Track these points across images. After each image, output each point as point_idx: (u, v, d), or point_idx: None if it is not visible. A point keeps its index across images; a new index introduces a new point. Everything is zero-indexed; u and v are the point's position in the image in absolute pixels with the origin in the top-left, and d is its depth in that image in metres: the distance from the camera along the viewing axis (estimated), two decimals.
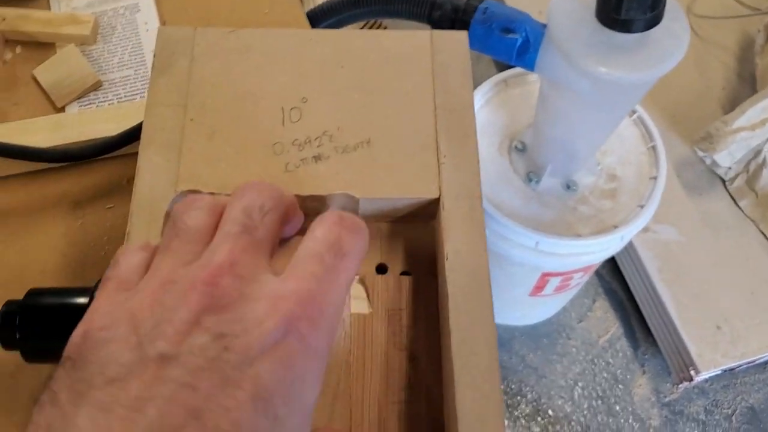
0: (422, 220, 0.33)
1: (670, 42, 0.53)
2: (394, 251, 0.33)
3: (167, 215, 0.29)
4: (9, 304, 0.33)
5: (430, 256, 0.33)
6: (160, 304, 0.22)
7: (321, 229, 0.25)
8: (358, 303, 0.31)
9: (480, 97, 0.86)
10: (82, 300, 0.33)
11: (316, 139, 0.32)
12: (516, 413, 0.93)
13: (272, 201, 0.26)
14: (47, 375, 0.22)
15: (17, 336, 0.32)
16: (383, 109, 0.33)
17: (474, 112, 0.33)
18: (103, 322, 0.22)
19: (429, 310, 0.31)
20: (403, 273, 0.32)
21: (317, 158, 0.32)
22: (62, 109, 0.45)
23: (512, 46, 0.59)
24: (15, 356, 0.35)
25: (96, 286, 0.33)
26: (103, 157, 0.42)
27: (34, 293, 0.33)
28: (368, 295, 0.31)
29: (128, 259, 0.25)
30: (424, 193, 0.31)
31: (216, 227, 0.25)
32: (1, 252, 0.39)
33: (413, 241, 0.33)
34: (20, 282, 0.38)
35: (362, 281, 0.32)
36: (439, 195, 0.31)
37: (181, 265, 0.23)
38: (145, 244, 0.26)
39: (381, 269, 0.32)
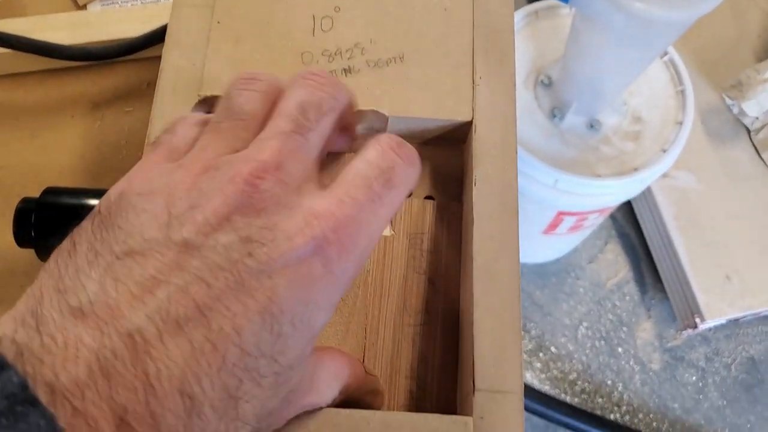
0: (452, 144, 0.32)
1: None
2: (421, 174, 0.32)
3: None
4: (25, 201, 0.32)
5: (456, 180, 0.32)
6: (198, 189, 0.21)
7: (375, 152, 0.23)
8: None
9: None
10: (97, 201, 0.32)
11: (347, 50, 0.31)
12: None
13: (332, 100, 0.24)
14: None
15: (32, 233, 0.32)
16: (419, 25, 0.31)
17: (513, 35, 0.32)
18: (142, 188, 0.21)
19: (451, 236, 0.30)
20: (427, 197, 0.31)
21: (347, 71, 0.30)
22: (84, 7, 0.44)
23: None
24: (29, 254, 0.35)
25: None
26: (124, 58, 0.41)
27: (50, 192, 0.33)
28: (391, 218, 0.31)
29: (184, 130, 0.24)
30: (457, 115, 0.30)
31: (270, 114, 0.24)
32: (18, 150, 0.38)
33: (440, 165, 0.32)
34: (37, 182, 0.38)
35: None
36: (472, 118, 0.30)
37: (227, 151, 0.22)
38: (205, 119, 0.25)
39: None
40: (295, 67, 0.30)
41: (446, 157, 0.32)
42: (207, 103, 0.30)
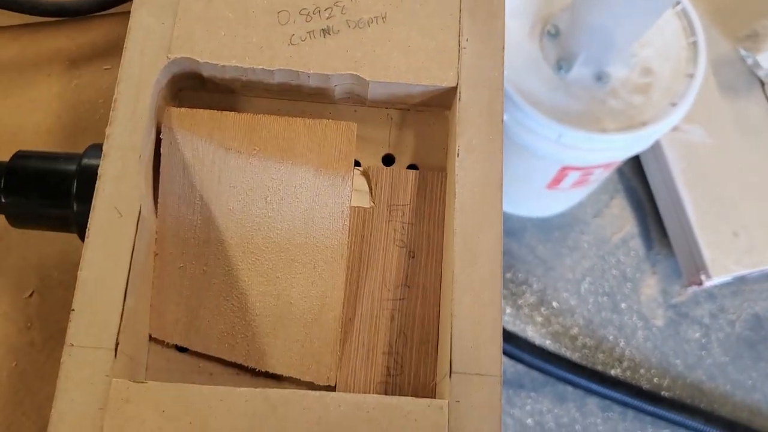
0: (437, 110, 0.30)
1: None
2: (404, 142, 0.30)
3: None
4: None
5: (441, 149, 0.30)
6: None
7: None
8: (359, 195, 0.29)
9: None
10: (70, 167, 0.31)
11: (326, 9, 0.29)
12: (520, 302, 0.93)
13: None
14: None
15: (1, 198, 0.31)
16: None
17: None
18: None
19: (434, 208, 0.29)
20: (411, 166, 0.30)
21: (326, 31, 0.29)
22: None
23: None
24: (2, 219, 0.34)
25: (85, 153, 0.31)
26: (101, 13, 0.39)
27: (20, 156, 0.31)
28: (371, 189, 0.29)
29: None
30: (441, 80, 0.28)
31: None
32: None
33: (425, 133, 0.30)
34: (13, 143, 0.36)
35: (365, 173, 0.29)
36: (457, 83, 0.28)
37: None
38: None
39: (387, 160, 0.30)
40: (271, 27, 0.28)
41: (432, 123, 0.30)
42: (176, 65, 0.28)
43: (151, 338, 0.28)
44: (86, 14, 0.37)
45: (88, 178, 0.30)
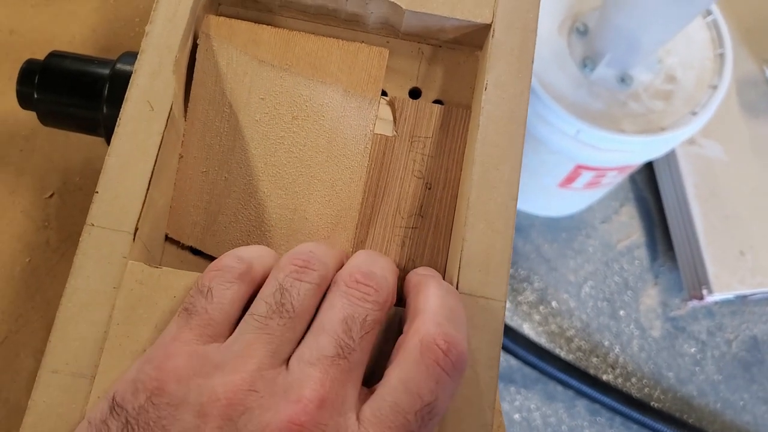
0: (468, 49, 0.31)
1: None
2: (432, 77, 0.31)
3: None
4: (30, 62, 0.32)
5: (468, 88, 0.31)
6: (233, 426, 0.20)
7: (418, 371, 0.21)
8: (383, 124, 0.29)
9: None
10: (103, 71, 0.31)
11: None
12: (520, 298, 0.93)
13: (377, 312, 0.22)
14: None
15: (35, 95, 0.31)
16: None
17: None
18: (176, 393, 0.20)
19: (455, 144, 0.29)
20: (436, 101, 0.30)
21: None
22: None
23: None
24: (31, 118, 0.35)
25: (119, 58, 0.32)
26: None
27: (55, 55, 0.32)
28: (395, 119, 0.30)
29: (221, 294, 0.23)
30: (476, 16, 0.28)
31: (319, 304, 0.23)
32: (32, 16, 0.38)
33: (454, 70, 0.31)
34: (47, 48, 0.37)
35: (391, 103, 0.30)
36: (492, 21, 0.28)
37: (272, 359, 0.21)
38: (243, 273, 0.23)
39: (414, 93, 0.31)
40: None
41: (462, 62, 0.31)
42: None
43: (167, 238, 0.28)
44: None
45: (121, 82, 0.31)
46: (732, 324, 0.97)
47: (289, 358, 0.22)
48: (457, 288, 0.25)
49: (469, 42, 0.30)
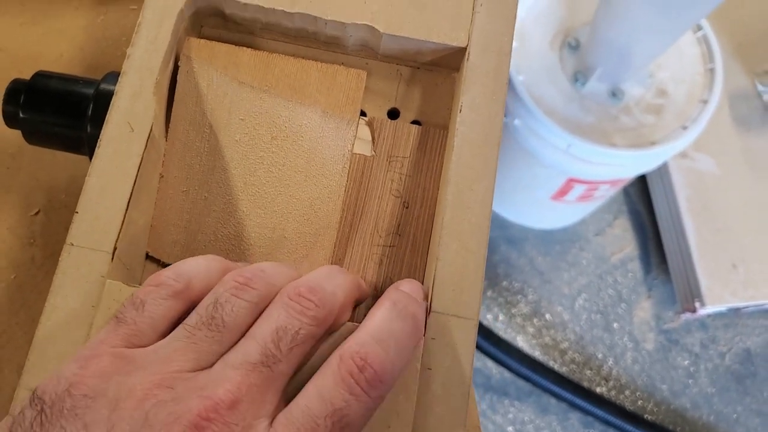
0: (445, 71, 0.31)
1: None
2: (410, 98, 0.31)
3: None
4: (16, 81, 0.32)
5: (446, 109, 0.31)
6: (144, 415, 0.20)
7: (332, 379, 0.22)
8: (362, 144, 0.30)
9: None
10: (87, 90, 0.32)
11: None
12: (513, 311, 0.93)
13: (313, 327, 0.23)
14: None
15: (20, 114, 0.32)
16: None
17: None
18: (93, 388, 0.21)
19: (432, 163, 0.30)
20: (414, 122, 0.31)
21: None
22: None
23: None
24: (16, 136, 0.36)
25: (104, 78, 0.32)
26: None
27: (42, 75, 0.33)
28: (374, 139, 0.30)
29: (153, 308, 0.23)
30: (452, 39, 0.29)
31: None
32: (19, 35, 0.38)
33: (432, 91, 0.31)
34: (35, 67, 0.38)
35: (370, 123, 0.30)
36: (467, 44, 0.29)
37: (192, 366, 0.22)
38: (178, 291, 0.24)
39: (392, 114, 0.31)
40: None
41: (438, 83, 0.31)
42: (202, 1, 0.29)
43: (148, 256, 0.29)
44: None
45: (104, 102, 0.31)
46: (725, 337, 0.97)
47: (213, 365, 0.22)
48: (429, 307, 0.26)
49: (446, 64, 0.31)
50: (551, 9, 0.81)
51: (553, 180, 0.83)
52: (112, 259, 0.25)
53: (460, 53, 0.30)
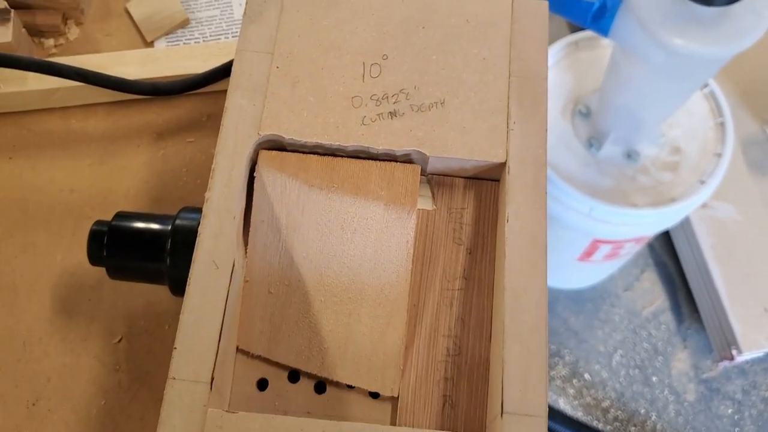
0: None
1: (750, 18, 0.52)
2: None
3: None
4: (99, 223, 0.36)
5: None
6: None
7: None
8: (423, 201, 0.34)
9: (549, 57, 0.86)
10: (165, 227, 0.35)
11: (393, 95, 0.34)
12: (552, 373, 0.94)
13: None
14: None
15: (104, 253, 0.35)
16: (459, 72, 0.34)
17: (547, 83, 0.34)
18: None
19: (489, 212, 0.33)
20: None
21: (393, 114, 0.33)
22: (151, 44, 0.47)
23: (588, 9, 0.58)
24: (97, 271, 0.39)
25: (178, 214, 0.36)
26: (186, 93, 0.44)
27: (121, 216, 0.36)
28: (433, 194, 0.34)
29: None
30: (492, 156, 0.32)
31: None
32: (88, 175, 0.42)
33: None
34: (105, 204, 0.41)
35: (428, 181, 0.34)
36: (506, 159, 0.32)
37: None
38: None
39: None
40: (346, 110, 0.33)
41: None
42: (265, 140, 0.33)
43: (238, 350, 0.32)
44: (176, 94, 0.43)
45: (181, 236, 0.35)
46: (766, 381, 0.97)
47: None
48: (502, 408, 0.28)
49: (487, 176, 0.34)
50: (559, 79, 0.85)
51: (579, 242, 0.86)
52: (211, 388, 0.28)
53: (500, 167, 0.33)
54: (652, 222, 0.78)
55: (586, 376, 0.95)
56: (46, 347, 0.37)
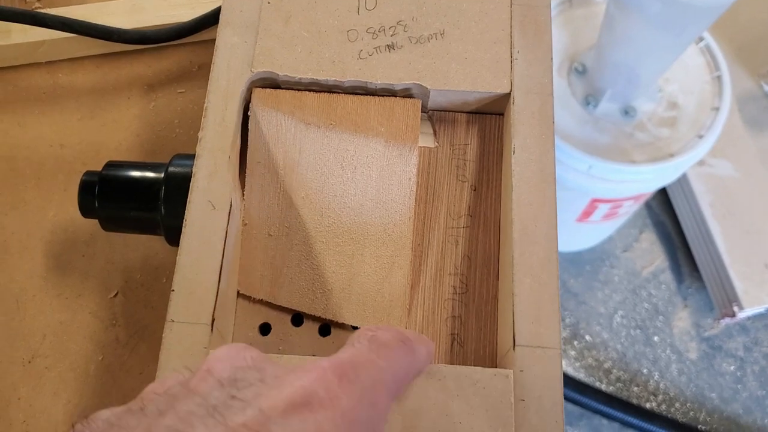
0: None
1: None
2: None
3: None
4: (89, 174, 0.34)
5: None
6: None
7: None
8: (425, 138, 0.32)
9: None
10: (158, 174, 0.34)
11: (390, 27, 0.32)
12: None
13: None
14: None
15: (95, 204, 0.34)
16: (459, 2, 0.33)
17: (550, 11, 0.33)
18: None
19: (492, 147, 0.32)
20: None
21: (390, 47, 0.32)
22: None
23: None
24: (90, 225, 0.37)
25: (171, 161, 0.34)
26: (175, 42, 0.43)
27: (112, 165, 0.35)
28: (434, 131, 0.33)
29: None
30: (495, 87, 0.31)
31: None
32: (78, 129, 0.40)
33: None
34: (97, 158, 0.40)
35: (430, 117, 0.33)
36: (510, 90, 0.31)
37: None
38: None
39: None
40: (342, 44, 0.32)
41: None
42: (258, 77, 0.32)
43: (239, 294, 0.30)
44: (163, 42, 0.41)
45: (175, 183, 0.33)
46: (767, 337, 0.97)
47: None
48: (513, 341, 0.27)
49: (491, 110, 0.33)
50: (554, 39, 0.83)
51: (577, 202, 0.85)
52: (212, 330, 0.27)
53: (504, 99, 0.32)
54: (650, 178, 0.77)
55: (587, 337, 0.94)
56: (41, 305, 0.36)
